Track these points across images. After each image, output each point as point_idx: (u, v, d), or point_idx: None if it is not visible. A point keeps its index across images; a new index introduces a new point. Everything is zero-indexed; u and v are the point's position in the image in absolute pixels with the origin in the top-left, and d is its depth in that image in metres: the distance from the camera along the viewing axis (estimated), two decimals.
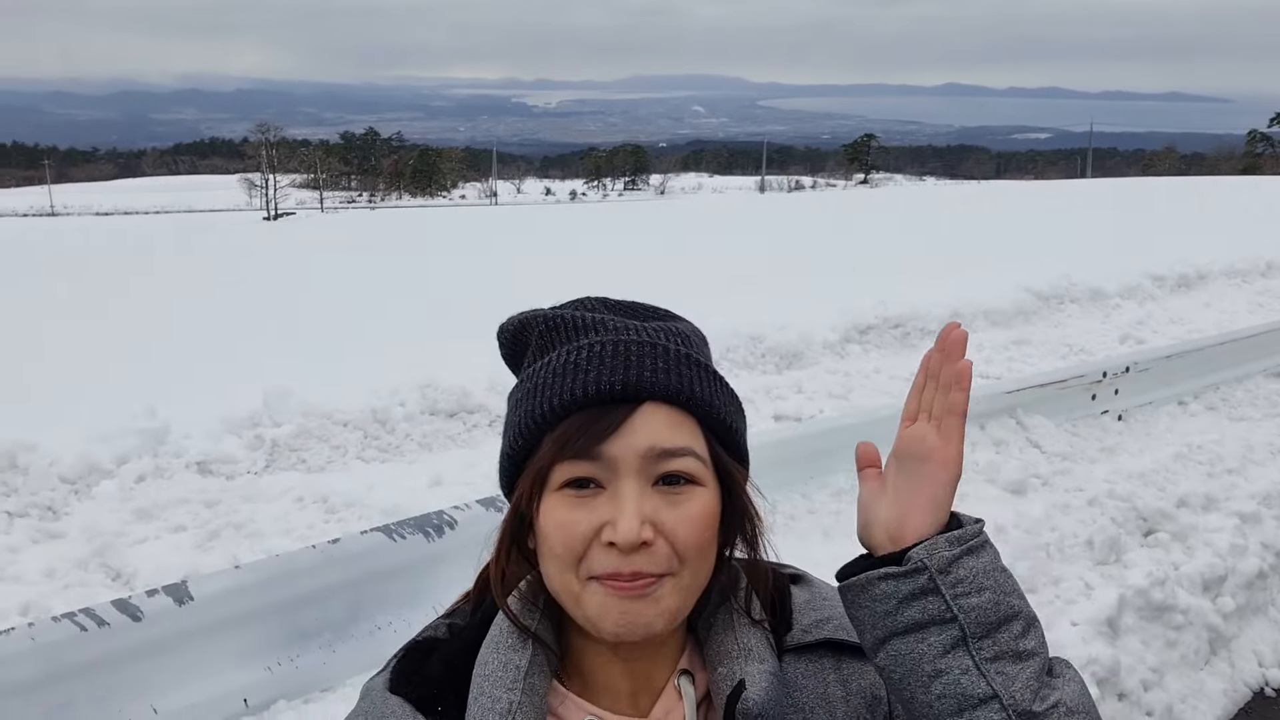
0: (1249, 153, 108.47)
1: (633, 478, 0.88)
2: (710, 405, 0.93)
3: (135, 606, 2.72)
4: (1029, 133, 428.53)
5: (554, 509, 0.89)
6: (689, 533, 0.89)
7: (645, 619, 0.88)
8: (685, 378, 0.92)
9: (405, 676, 0.95)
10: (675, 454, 0.89)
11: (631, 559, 0.87)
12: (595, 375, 0.90)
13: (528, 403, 0.93)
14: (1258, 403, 7.02)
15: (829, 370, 7.48)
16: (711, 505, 0.92)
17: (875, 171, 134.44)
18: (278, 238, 32.01)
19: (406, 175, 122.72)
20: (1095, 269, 11.53)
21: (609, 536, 0.87)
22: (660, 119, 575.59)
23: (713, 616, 1.00)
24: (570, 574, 0.89)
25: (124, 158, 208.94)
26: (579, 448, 0.88)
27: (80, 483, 4.92)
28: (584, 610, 0.90)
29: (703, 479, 0.91)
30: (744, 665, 0.95)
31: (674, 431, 0.90)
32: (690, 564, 0.90)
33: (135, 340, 10.20)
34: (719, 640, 0.99)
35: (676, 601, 0.90)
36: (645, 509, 0.88)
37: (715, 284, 12.06)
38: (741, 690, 0.93)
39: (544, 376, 0.93)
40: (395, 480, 4.98)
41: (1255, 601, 4.73)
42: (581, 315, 0.97)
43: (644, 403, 0.90)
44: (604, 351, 0.92)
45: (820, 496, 4.60)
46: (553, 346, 0.96)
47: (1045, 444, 5.45)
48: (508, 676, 0.90)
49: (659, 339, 0.94)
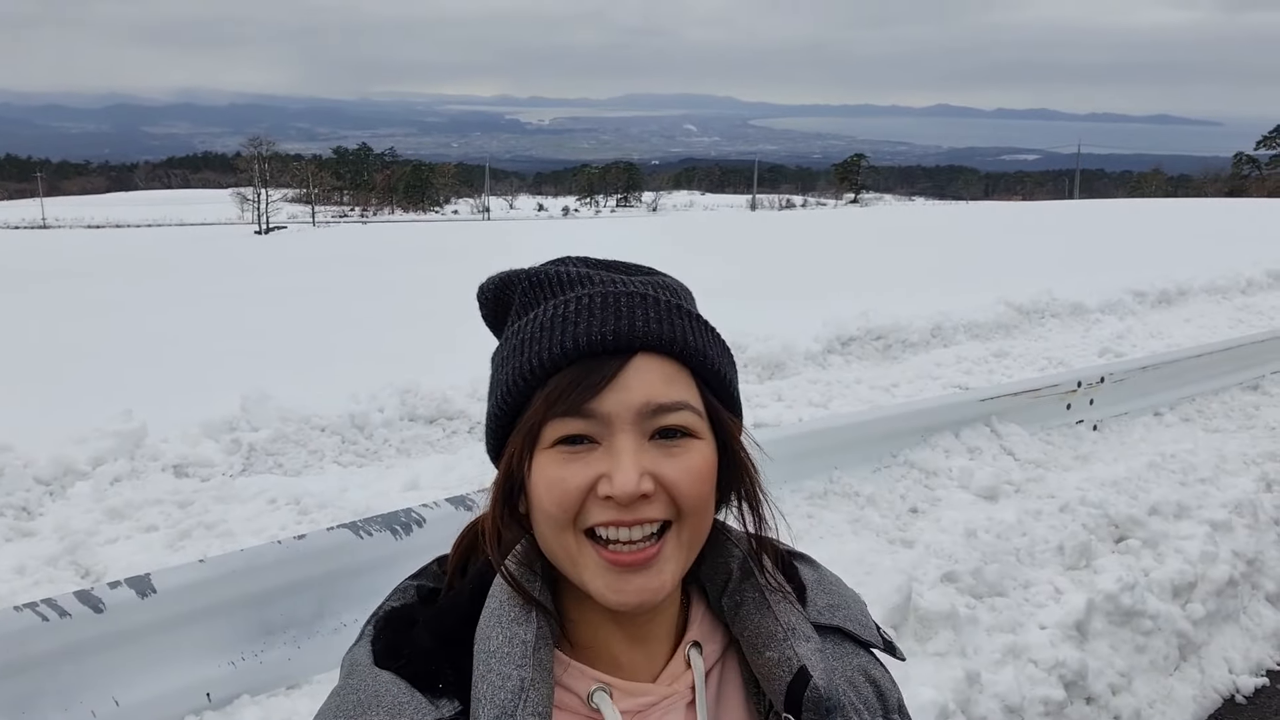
0: (1235, 175, 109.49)
1: (629, 433, 0.85)
2: (704, 355, 0.91)
3: (97, 598, 2.72)
4: (1017, 154, 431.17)
5: (546, 466, 0.86)
6: (690, 484, 0.87)
7: (652, 589, 0.87)
8: (678, 327, 0.90)
9: (393, 650, 0.90)
10: (671, 408, 0.87)
11: (632, 509, 0.85)
12: (585, 327, 0.87)
13: (515, 359, 0.90)
14: (1232, 414, 7.08)
15: (810, 380, 7.52)
16: (710, 458, 0.89)
17: (865, 191, 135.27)
18: (267, 250, 32.00)
19: (399, 190, 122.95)
20: (1077, 284, 11.62)
21: (605, 490, 0.84)
22: (653, 137, 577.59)
23: (740, 593, 0.98)
24: (567, 532, 0.87)
25: (117, 171, 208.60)
26: (571, 403, 0.85)
27: (55, 484, 4.92)
28: (582, 575, 0.87)
29: (700, 432, 0.89)
30: (795, 646, 0.94)
31: (669, 385, 0.88)
32: (690, 517, 0.88)
33: (118, 347, 10.19)
34: (754, 620, 0.96)
35: (677, 564, 0.89)
36: (644, 461, 0.85)
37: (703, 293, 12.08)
38: (806, 678, 0.92)
39: (531, 331, 0.90)
40: (370, 484, 4.99)
41: (1226, 609, 4.76)
42: (566, 270, 0.94)
43: (636, 354, 0.87)
44: (593, 303, 0.89)
45: (793, 500, 4.62)
46: (538, 303, 0.93)
47: (1019, 451, 5.48)
48: (515, 652, 0.86)
49: (648, 290, 0.92)
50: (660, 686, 0.94)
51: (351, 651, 0.92)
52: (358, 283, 17.20)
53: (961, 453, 5.33)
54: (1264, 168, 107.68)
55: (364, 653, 0.91)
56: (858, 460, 5.02)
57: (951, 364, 8.21)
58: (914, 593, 3.85)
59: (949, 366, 8.11)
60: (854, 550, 4.17)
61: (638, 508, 0.85)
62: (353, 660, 0.91)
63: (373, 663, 0.89)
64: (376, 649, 0.91)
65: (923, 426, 5.37)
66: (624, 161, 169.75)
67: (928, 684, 3.51)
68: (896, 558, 4.15)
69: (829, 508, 4.65)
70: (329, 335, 10.66)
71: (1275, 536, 5.28)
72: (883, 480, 5.01)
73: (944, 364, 8.21)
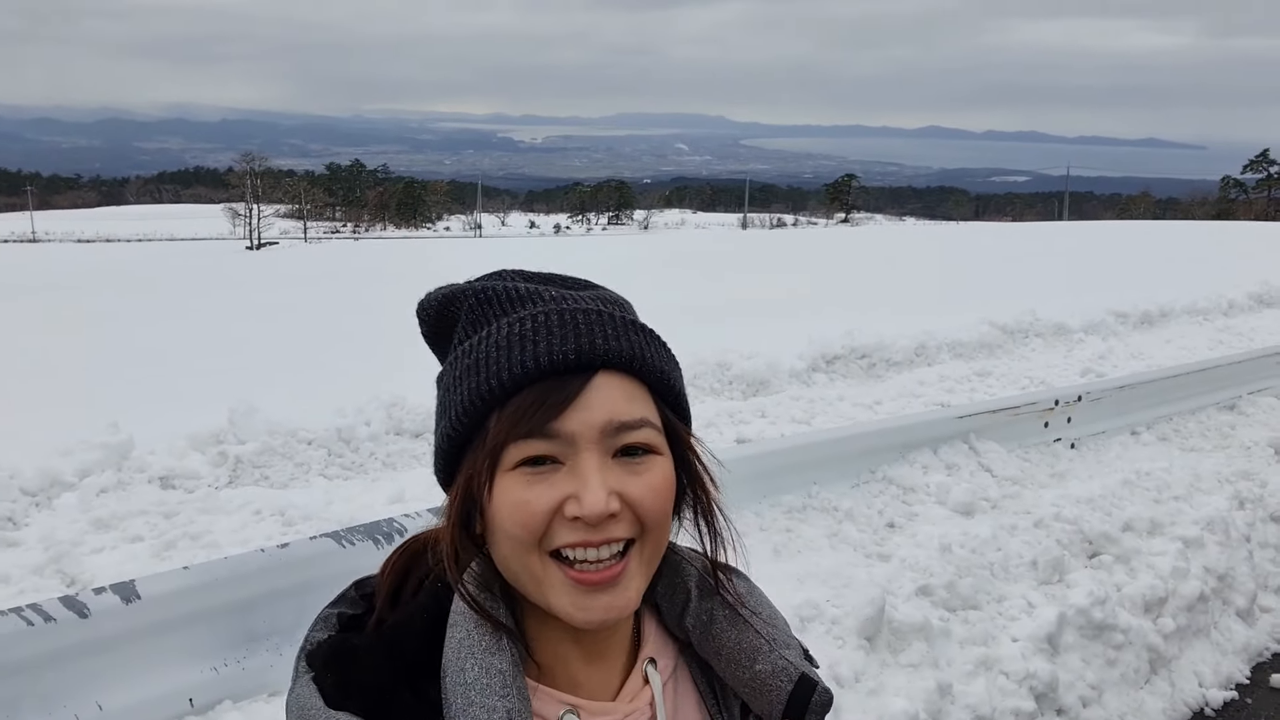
0: (1223, 198, 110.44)
1: (593, 452, 0.85)
2: (662, 371, 0.91)
3: (82, 604, 2.77)
4: (1007, 175, 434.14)
5: (509, 489, 0.85)
6: (654, 502, 0.87)
7: (618, 607, 0.87)
8: (636, 344, 0.89)
9: (346, 687, 0.84)
10: (634, 426, 0.87)
11: (599, 529, 0.84)
12: (546, 345, 0.86)
13: (471, 379, 0.88)
14: (1209, 434, 7.18)
15: (793, 397, 7.60)
16: (670, 474, 0.90)
17: (856, 211, 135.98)
18: (258, 265, 32.01)
19: (391, 207, 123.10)
20: (1060, 305, 11.75)
21: (573, 511, 0.84)
22: (644, 156, 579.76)
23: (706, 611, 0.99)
24: (532, 554, 0.86)
25: (108, 185, 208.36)
26: (535, 424, 0.84)
27: (41, 495, 4.96)
28: (547, 596, 0.87)
29: (660, 448, 0.89)
30: (785, 655, 0.97)
31: (630, 403, 0.87)
32: (652, 533, 0.88)
33: (107, 360, 10.21)
34: (731, 636, 0.98)
35: (641, 579, 0.89)
36: (609, 481, 0.85)
37: (688, 312, 12.19)
38: (811, 684, 0.95)
39: (486, 350, 0.88)
40: (355, 496, 5.04)
41: (1197, 624, 4.84)
42: (515, 286, 0.92)
43: (598, 372, 0.87)
44: (550, 321, 0.88)
45: (771, 514, 4.69)
46: (487, 320, 0.91)
47: (996, 469, 5.57)
48: (495, 683, 0.85)
49: (601, 307, 0.91)
50: (622, 704, 0.95)
51: (294, 694, 0.86)
52: (347, 298, 17.25)
53: (940, 469, 5.41)
54: (1250, 191, 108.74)
55: (310, 694, 0.84)
56: (836, 476, 5.09)
57: (934, 382, 8.30)
58: (888, 605, 3.92)
59: (932, 385, 8.20)
60: (830, 564, 4.24)
61: (605, 527, 0.85)
62: (301, 705, 0.84)
63: (325, 704, 0.83)
64: (325, 689, 0.84)
65: (902, 443, 5.45)
66: (616, 180, 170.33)
67: (900, 694, 3.58)
68: (872, 571, 4.22)
69: (807, 522, 4.72)
70: (317, 350, 10.71)
71: (1246, 553, 5.38)
72: (861, 496, 5.09)
73: (927, 382, 8.30)
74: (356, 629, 0.91)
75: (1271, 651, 5.04)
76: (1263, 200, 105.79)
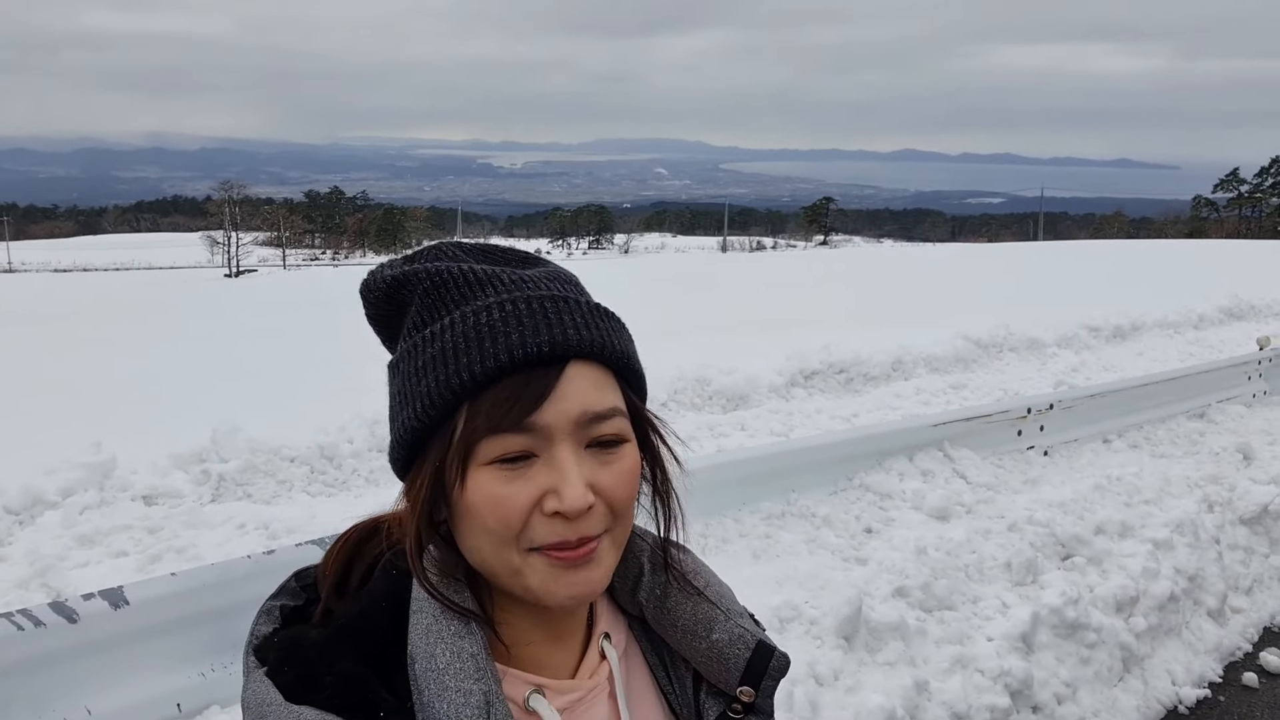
0: (1195, 217, 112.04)
1: (568, 444, 0.85)
2: (627, 356, 0.91)
3: (71, 609, 2.81)
4: (982, 197, 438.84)
5: (485, 484, 0.84)
6: (624, 490, 0.88)
7: (593, 583, 0.87)
8: (603, 330, 0.89)
9: (307, 680, 0.81)
10: (606, 416, 0.87)
11: (577, 525, 0.85)
12: (519, 337, 0.84)
13: (439, 370, 0.86)
14: (1178, 441, 7.32)
15: (772, 410, 7.70)
16: (637, 459, 0.91)
17: (834, 233, 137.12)
18: (237, 292, 31.94)
19: (370, 233, 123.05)
20: (1034, 319, 11.93)
21: (553, 506, 0.83)
22: (624, 180, 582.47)
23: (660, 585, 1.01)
24: (509, 549, 0.85)
25: (85, 215, 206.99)
26: (512, 419, 0.83)
27: (25, 513, 4.97)
28: (526, 582, 0.86)
29: (627, 434, 0.90)
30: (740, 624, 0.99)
31: (601, 392, 0.87)
32: (622, 518, 0.89)
33: (88, 385, 10.19)
34: (686, 608, 1.00)
35: (613, 558, 0.90)
36: (585, 473, 0.85)
37: (668, 329, 12.29)
38: (768, 650, 0.98)
39: (453, 340, 0.86)
40: (339, 510, 5.08)
41: (1168, 623, 4.94)
42: (470, 268, 0.91)
43: (569, 363, 0.86)
44: (518, 310, 0.86)
45: (751, 520, 4.77)
46: (446, 306, 0.89)
47: (971, 475, 5.67)
48: (468, 666, 0.84)
49: (565, 291, 0.91)
50: (583, 680, 0.96)
51: (249, 690, 0.82)
52: (326, 323, 17.25)
53: (915, 476, 5.51)
54: (1222, 210, 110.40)
55: (267, 689, 0.81)
56: (814, 483, 5.18)
57: (911, 395, 8.42)
58: (866, 606, 4.00)
59: (908, 398, 8.33)
60: (809, 567, 4.32)
61: (580, 522, 0.85)
62: (259, 702, 0.80)
63: (285, 699, 0.80)
64: (283, 683, 0.81)
65: (878, 451, 5.55)
66: (595, 205, 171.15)
67: (878, 691, 3.65)
68: (850, 574, 4.30)
69: (786, 528, 4.80)
70: (300, 373, 10.72)
71: (1216, 554, 5.49)
72: (839, 502, 5.18)
73: (903, 395, 8.43)
74: (301, 621, 0.90)
75: (1243, 651, 5.14)
76: (1234, 218, 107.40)
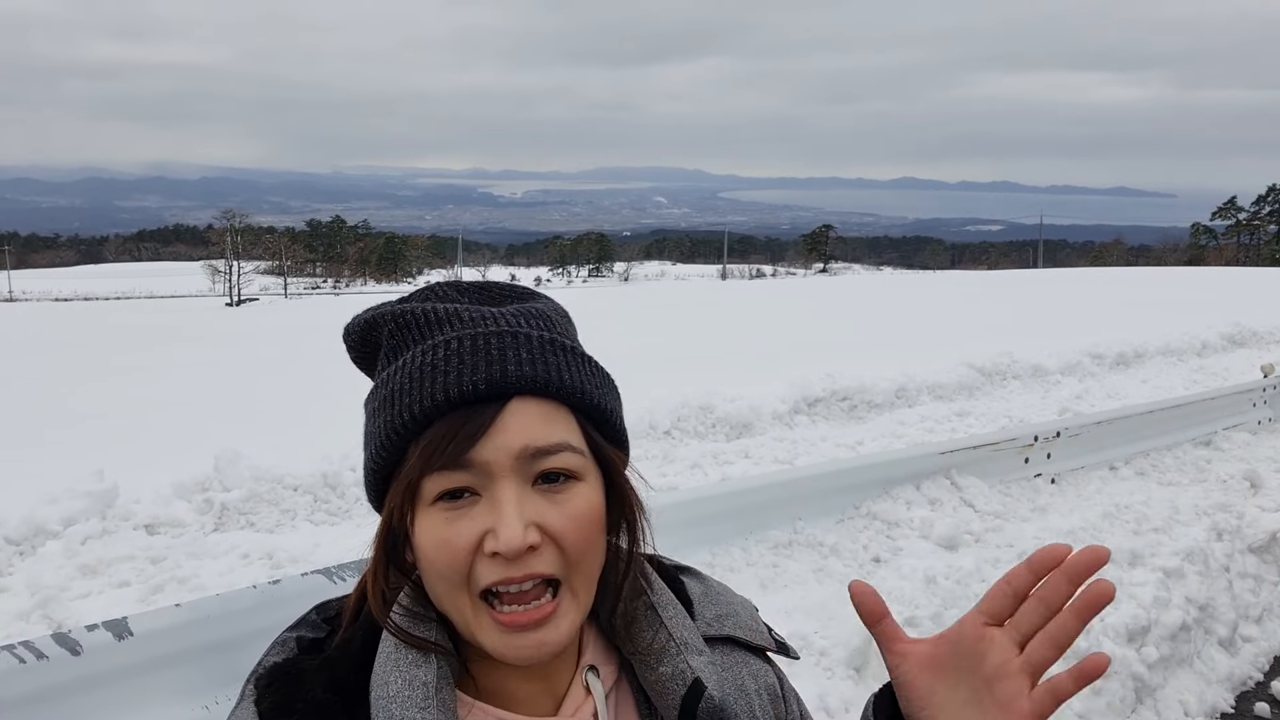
0: (1193, 244, 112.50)
1: (509, 481, 0.83)
2: (581, 391, 0.89)
3: (75, 640, 2.77)
4: (981, 225, 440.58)
5: (431, 526, 0.84)
6: (576, 534, 0.85)
7: (549, 646, 0.85)
8: (551, 365, 0.87)
9: (281, 707, 0.84)
10: (551, 451, 0.84)
11: (521, 564, 0.82)
12: (456, 376, 0.84)
13: (386, 411, 0.87)
14: (1185, 469, 7.29)
15: (776, 438, 7.67)
16: (595, 499, 0.88)
17: (834, 261, 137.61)
18: (238, 321, 31.99)
19: (372, 262, 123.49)
20: (1037, 347, 11.94)
21: (491, 546, 0.82)
22: (624, 209, 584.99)
23: (631, 611, 0.97)
24: (461, 593, 0.84)
25: (87, 244, 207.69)
26: (448, 457, 0.83)
27: (26, 544, 4.94)
28: (477, 635, 0.85)
29: (583, 472, 0.87)
30: (688, 660, 0.93)
31: (547, 426, 0.85)
32: (581, 565, 0.86)
33: (90, 414, 10.17)
34: (647, 636, 0.96)
35: (576, 613, 0.87)
36: (528, 512, 0.83)
37: (670, 358, 12.29)
38: (701, 689, 0.92)
39: (400, 382, 0.87)
40: (342, 539, 5.04)
41: (1180, 653, 4.89)
42: (433, 307, 0.91)
43: (511, 399, 0.85)
44: (462, 348, 0.86)
45: (758, 549, 4.73)
46: (406, 345, 0.90)
47: (978, 503, 5.63)
48: (416, 695, 0.83)
49: (519, 326, 0.89)
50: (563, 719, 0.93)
51: (234, 715, 0.86)
52: (327, 351, 17.27)
53: (923, 504, 5.48)
54: (1220, 237, 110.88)
55: (248, 714, 0.85)
56: (821, 512, 5.14)
57: (915, 423, 8.40)
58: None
59: (912, 425, 8.31)
60: (817, 597, 4.28)
61: (525, 561, 0.83)
62: None
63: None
64: (262, 709, 0.85)
65: (884, 479, 5.52)
66: (595, 233, 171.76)
67: None
68: None
69: (793, 558, 4.76)
70: (303, 401, 10.71)
71: (1226, 583, 5.45)
72: (846, 531, 5.14)
73: (908, 423, 8.41)
74: (318, 653, 0.90)
75: (1255, 680, 5.09)
76: (1233, 246, 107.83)
